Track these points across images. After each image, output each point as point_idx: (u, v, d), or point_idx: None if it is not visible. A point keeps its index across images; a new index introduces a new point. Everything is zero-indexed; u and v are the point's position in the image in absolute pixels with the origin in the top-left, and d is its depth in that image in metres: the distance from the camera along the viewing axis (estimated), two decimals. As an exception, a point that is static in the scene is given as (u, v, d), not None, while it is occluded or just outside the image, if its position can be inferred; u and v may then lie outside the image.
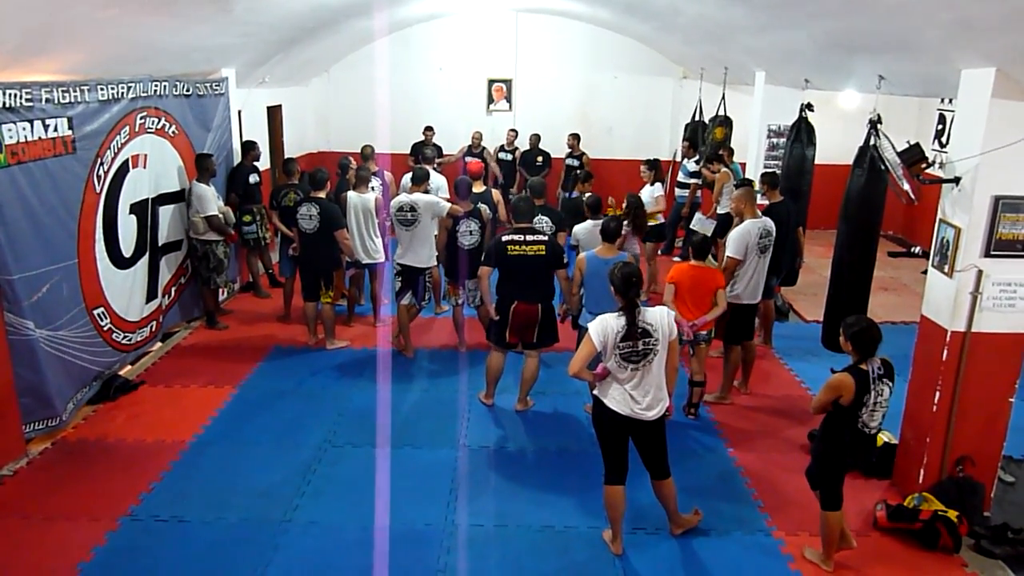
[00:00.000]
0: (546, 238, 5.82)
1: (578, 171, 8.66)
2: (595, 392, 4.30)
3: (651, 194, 8.65)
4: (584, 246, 6.21)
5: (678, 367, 4.29)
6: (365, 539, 4.50)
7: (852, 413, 3.94)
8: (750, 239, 6.01)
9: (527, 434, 5.80)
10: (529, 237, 5.72)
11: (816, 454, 4.25)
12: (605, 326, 4.09)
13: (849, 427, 3.98)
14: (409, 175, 7.30)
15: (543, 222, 6.70)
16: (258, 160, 8.58)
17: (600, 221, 5.87)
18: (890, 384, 3.96)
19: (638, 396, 4.11)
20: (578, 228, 6.54)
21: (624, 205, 7.56)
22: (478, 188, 7.49)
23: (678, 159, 11.40)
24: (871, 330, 3.91)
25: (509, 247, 5.68)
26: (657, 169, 8.69)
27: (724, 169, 8.83)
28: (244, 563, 4.26)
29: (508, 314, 5.79)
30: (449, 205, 6.81)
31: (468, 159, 10.96)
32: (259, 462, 5.30)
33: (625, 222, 7.54)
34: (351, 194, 7.33)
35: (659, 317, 4.10)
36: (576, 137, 11.53)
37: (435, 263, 7.07)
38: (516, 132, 11.82)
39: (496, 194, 7.78)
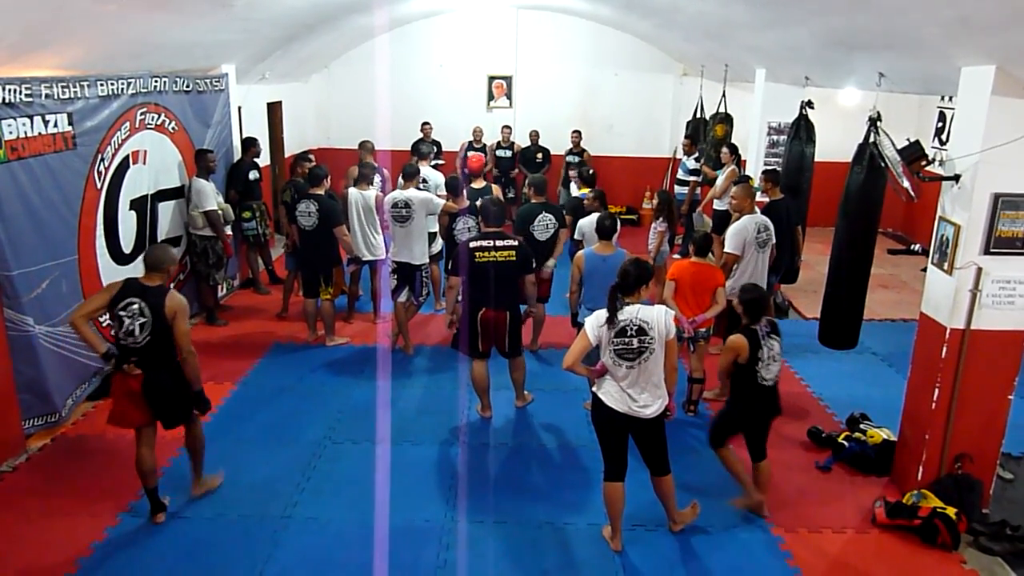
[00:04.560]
0: (516, 243, 5.59)
1: (583, 169, 8.53)
2: (593, 389, 4.30)
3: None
4: (589, 240, 6.20)
5: (677, 366, 4.29)
6: (365, 535, 4.51)
7: (751, 369, 4.48)
8: (747, 235, 6.02)
9: (527, 430, 5.80)
10: (499, 243, 5.52)
11: (724, 411, 4.79)
12: (600, 321, 4.11)
13: (750, 382, 4.51)
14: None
15: (547, 220, 6.68)
16: (258, 156, 8.58)
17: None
18: (778, 339, 4.55)
19: (635, 394, 4.11)
20: (583, 222, 6.54)
21: (655, 202, 7.57)
22: (478, 184, 7.49)
23: (678, 156, 11.39)
24: (762, 299, 4.59)
25: (477, 254, 5.48)
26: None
27: (734, 167, 8.79)
28: (243, 559, 4.27)
29: (476, 322, 5.61)
30: (443, 202, 6.80)
31: (470, 154, 10.99)
32: (259, 458, 5.31)
33: (661, 218, 7.58)
34: (352, 190, 7.33)
35: (656, 315, 4.09)
36: (579, 134, 11.54)
37: (428, 260, 7.04)
38: (510, 128, 11.82)
39: (496, 190, 7.77)
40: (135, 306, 4.22)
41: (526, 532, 4.58)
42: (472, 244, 5.53)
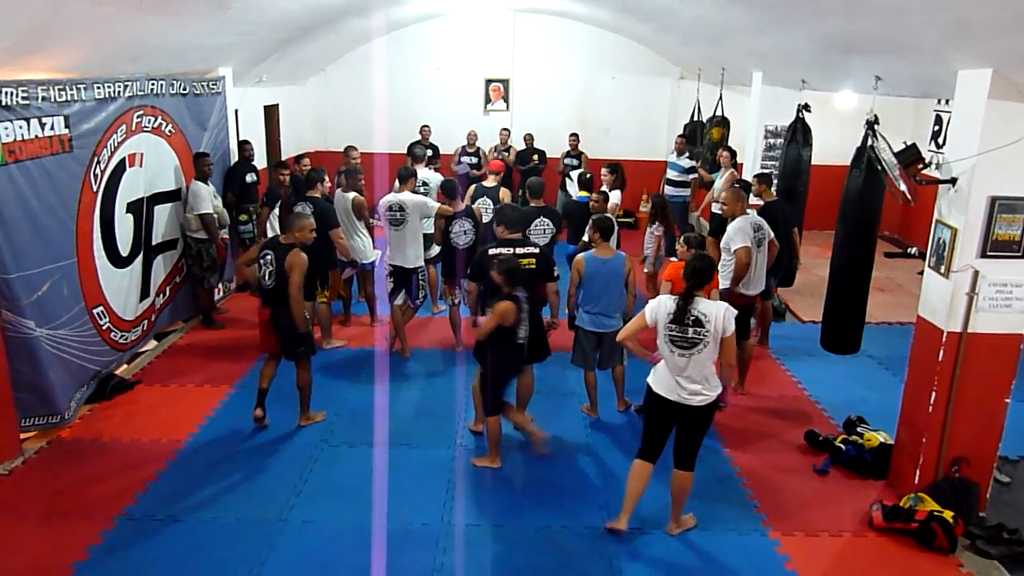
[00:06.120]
0: (537, 250, 5.46)
1: (583, 173, 8.44)
2: (648, 380, 4.41)
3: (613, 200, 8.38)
4: None
5: (735, 365, 4.43)
6: (361, 538, 4.50)
7: (512, 331, 4.94)
8: (748, 232, 6.05)
9: (524, 433, 5.78)
10: (519, 250, 5.38)
11: (488, 373, 5.10)
12: (659, 304, 4.25)
13: (510, 341, 4.96)
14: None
15: (545, 224, 6.66)
16: (251, 159, 8.56)
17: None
18: (527, 307, 5.04)
19: (684, 383, 4.21)
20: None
21: (649, 207, 7.56)
22: (490, 183, 7.49)
23: (668, 158, 11.34)
24: (517, 268, 4.97)
25: (496, 261, 5.32)
26: (619, 173, 8.40)
27: (732, 170, 8.79)
28: (240, 562, 4.25)
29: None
30: (438, 205, 6.78)
31: (464, 159, 11.01)
32: (255, 461, 5.29)
33: (656, 223, 7.57)
34: (337, 192, 7.35)
35: (715, 311, 4.16)
36: (576, 137, 11.55)
37: (423, 263, 7.02)
38: (509, 131, 11.82)
39: (504, 192, 7.74)
40: (268, 256, 5.43)
41: (523, 535, 4.57)
42: (492, 251, 5.40)
